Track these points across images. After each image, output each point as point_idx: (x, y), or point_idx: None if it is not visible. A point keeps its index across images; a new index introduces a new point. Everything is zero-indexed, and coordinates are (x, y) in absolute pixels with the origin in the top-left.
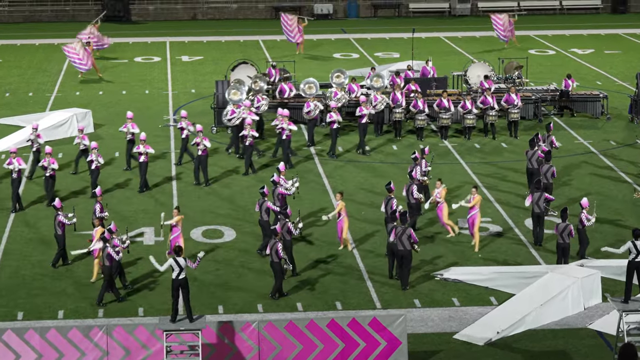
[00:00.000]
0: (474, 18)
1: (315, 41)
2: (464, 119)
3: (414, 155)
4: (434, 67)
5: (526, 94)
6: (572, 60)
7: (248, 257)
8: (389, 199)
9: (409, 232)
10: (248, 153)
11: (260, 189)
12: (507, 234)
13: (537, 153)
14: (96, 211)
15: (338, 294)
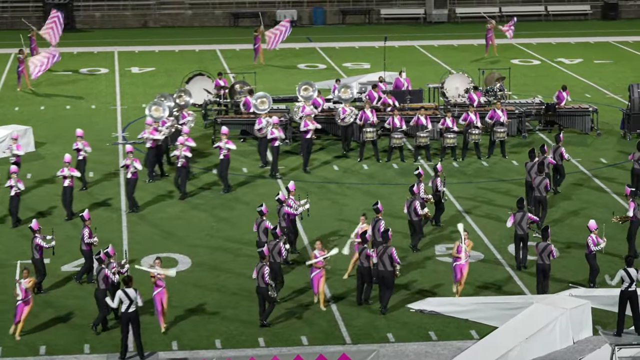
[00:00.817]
0: (451, 25)
1: (278, 50)
2: (444, 138)
3: (417, 171)
4: (408, 78)
5: (509, 108)
6: (558, 71)
7: (204, 287)
8: (377, 220)
9: (390, 252)
10: (183, 175)
11: (258, 208)
12: (488, 261)
13: (545, 161)
14: (84, 237)
15: (304, 327)
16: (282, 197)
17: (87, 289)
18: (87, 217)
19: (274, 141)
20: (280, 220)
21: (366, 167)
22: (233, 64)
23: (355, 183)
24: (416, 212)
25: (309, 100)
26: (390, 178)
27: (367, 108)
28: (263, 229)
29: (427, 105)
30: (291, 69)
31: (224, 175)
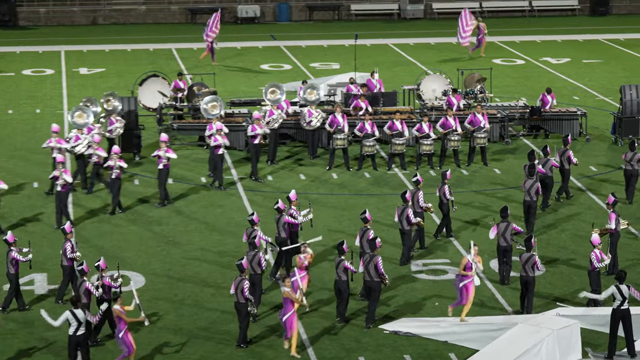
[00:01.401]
0: (427, 21)
1: (239, 49)
2: (420, 144)
3: (416, 178)
4: (381, 80)
5: (490, 112)
6: (544, 72)
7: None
8: (365, 230)
9: (376, 261)
10: (116, 188)
11: (249, 216)
12: None
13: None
14: (67, 251)
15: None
16: (282, 206)
17: None
18: (68, 230)
19: (217, 149)
20: (280, 231)
21: (336, 176)
22: (190, 64)
23: (324, 193)
24: (409, 221)
25: (276, 104)
26: (363, 188)
27: (338, 112)
28: (255, 238)
29: (402, 109)
30: (253, 70)
31: (162, 187)
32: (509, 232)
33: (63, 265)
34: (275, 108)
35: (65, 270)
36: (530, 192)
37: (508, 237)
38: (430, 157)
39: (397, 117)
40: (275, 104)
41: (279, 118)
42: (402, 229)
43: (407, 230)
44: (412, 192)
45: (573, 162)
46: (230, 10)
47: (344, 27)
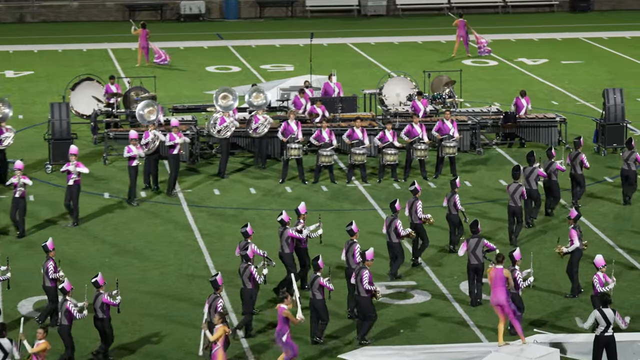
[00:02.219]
0: (390, 19)
1: (182, 50)
2: (383, 154)
3: (414, 186)
4: (340, 83)
5: (460, 118)
6: (519, 73)
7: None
8: (351, 244)
9: (362, 274)
10: (21, 207)
11: (243, 228)
12: (437, 300)
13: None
14: (49, 271)
15: None
16: (286, 219)
17: None
18: (50, 247)
19: (131, 160)
20: (284, 246)
21: (290, 189)
22: (128, 66)
23: (277, 209)
24: (397, 233)
25: (228, 110)
26: (319, 203)
27: (292, 119)
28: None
29: (363, 116)
30: (198, 72)
31: (74, 205)
32: (480, 248)
33: (45, 287)
34: (227, 115)
35: (49, 291)
36: (515, 196)
37: (479, 254)
38: (394, 168)
39: (358, 124)
40: (228, 111)
41: (231, 126)
42: (390, 241)
43: (395, 243)
44: (409, 202)
45: (586, 166)
46: (173, 7)
47: (299, 24)
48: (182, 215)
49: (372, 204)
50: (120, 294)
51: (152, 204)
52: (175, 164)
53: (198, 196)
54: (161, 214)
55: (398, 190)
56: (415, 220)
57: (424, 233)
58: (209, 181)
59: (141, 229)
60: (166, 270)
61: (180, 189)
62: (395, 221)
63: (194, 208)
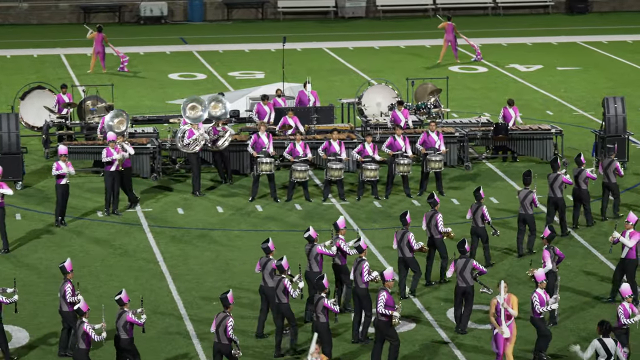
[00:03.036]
0: (370, 21)
1: (143, 55)
2: (363, 169)
3: (432, 199)
4: (315, 92)
5: (446, 130)
6: (511, 81)
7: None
8: (360, 262)
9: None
10: None
11: (264, 244)
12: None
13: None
14: (66, 294)
15: None
16: (314, 235)
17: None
18: (69, 269)
19: (59, 179)
20: (312, 264)
21: (260, 208)
22: (83, 73)
23: (246, 230)
24: (410, 247)
25: (197, 122)
26: (293, 222)
27: (262, 131)
28: (270, 270)
29: (341, 127)
30: (159, 79)
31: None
32: (469, 270)
33: (63, 311)
34: (196, 127)
35: (67, 316)
36: (525, 203)
37: (468, 276)
38: (375, 184)
39: (335, 136)
40: (197, 122)
41: (200, 139)
42: (403, 256)
43: (409, 258)
44: (427, 215)
45: (620, 174)
46: (132, 9)
47: (270, 28)
48: (142, 237)
49: (351, 223)
50: None
51: (110, 225)
52: (112, 182)
53: (160, 216)
54: (119, 235)
55: (379, 208)
56: (435, 235)
57: (444, 248)
58: (171, 199)
59: (97, 252)
60: None
61: (140, 208)
62: (407, 235)
63: (156, 229)
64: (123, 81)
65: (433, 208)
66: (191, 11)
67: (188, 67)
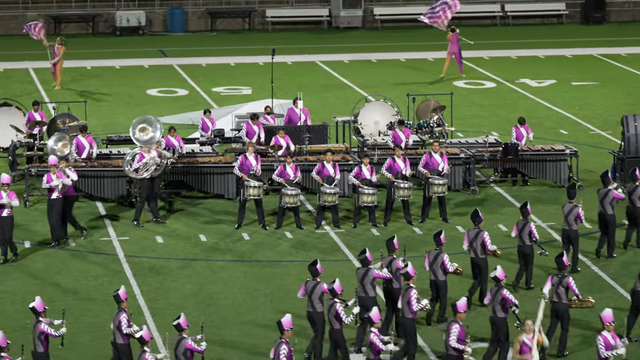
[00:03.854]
0: (367, 32)
1: (118, 69)
2: (359, 194)
3: (477, 216)
4: (306, 109)
5: (451, 151)
6: (521, 97)
7: None
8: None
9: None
10: None
11: (311, 266)
12: None
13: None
14: (122, 324)
15: None
16: (370, 258)
17: None
18: (123, 297)
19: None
20: (367, 288)
21: (247, 236)
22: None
23: (232, 260)
24: (444, 269)
25: (149, 145)
26: (283, 252)
27: (250, 152)
28: (319, 294)
29: (335, 148)
30: (137, 96)
31: None
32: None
33: (118, 344)
34: (147, 151)
35: (122, 349)
36: (569, 218)
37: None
38: (373, 210)
39: (329, 158)
40: (148, 145)
41: (151, 164)
42: (436, 279)
43: (442, 282)
44: (473, 233)
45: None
46: (107, 18)
47: (258, 39)
48: (117, 268)
49: (346, 253)
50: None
51: (83, 254)
52: (52, 211)
53: (137, 245)
54: (92, 267)
55: (377, 236)
56: (479, 255)
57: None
58: (150, 227)
59: (69, 283)
60: (99, 334)
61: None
62: (441, 256)
63: (133, 259)
64: (97, 97)
65: (477, 226)
66: (171, 21)
67: (168, 82)
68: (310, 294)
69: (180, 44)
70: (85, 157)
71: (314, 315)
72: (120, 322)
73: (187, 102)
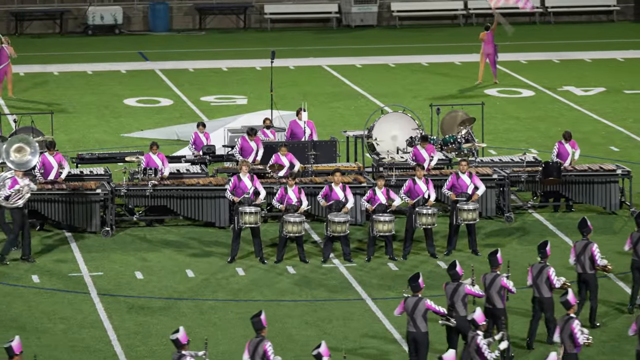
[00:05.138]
0: (384, 31)
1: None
2: (374, 221)
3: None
4: (312, 122)
5: (482, 171)
6: (564, 108)
7: None
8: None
9: None
10: None
11: (412, 281)
12: None
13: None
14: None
15: None
16: (460, 271)
17: None
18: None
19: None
20: (458, 307)
21: (242, 271)
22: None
23: (224, 300)
24: (551, 284)
25: (24, 169)
26: (284, 289)
27: (244, 172)
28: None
29: (345, 167)
30: (112, 106)
31: None
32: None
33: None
34: (21, 176)
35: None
36: (638, 249)
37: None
38: (390, 241)
39: (338, 179)
40: (23, 169)
41: (25, 191)
42: (540, 295)
43: (546, 299)
44: (580, 245)
45: None
46: (77, 15)
47: (255, 39)
48: (89, 308)
49: (358, 291)
50: None
51: (48, 293)
52: None
53: (113, 281)
54: (60, 306)
55: (395, 271)
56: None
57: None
58: (128, 260)
59: (33, 325)
60: None
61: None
62: (499, 279)
63: (107, 298)
64: (66, 109)
65: (585, 237)
66: (153, 18)
67: (149, 90)
68: (411, 312)
69: (163, 46)
70: (53, 179)
71: (417, 336)
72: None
73: (171, 114)
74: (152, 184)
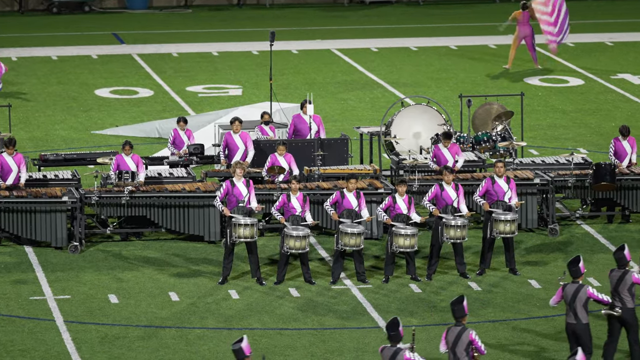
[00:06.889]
0: (404, 8)
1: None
2: (393, 234)
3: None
4: (319, 116)
5: (520, 174)
6: (619, 99)
7: None
8: None
9: None
10: None
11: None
12: None
13: None
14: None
15: None
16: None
17: None
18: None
19: None
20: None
21: (236, 294)
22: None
23: (214, 328)
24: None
25: None
26: (286, 315)
27: (238, 177)
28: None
29: (359, 171)
30: (81, 98)
31: None
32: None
33: None
34: None
35: None
36: None
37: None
38: (412, 257)
39: (351, 185)
40: None
41: None
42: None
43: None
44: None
45: None
46: None
47: (250, 18)
48: (55, 338)
49: (374, 317)
50: None
51: (6, 320)
52: None
53: (82, 306)
54: (20, 335)
55: (418, 294)
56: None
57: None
58: (100, 281)
59: None
60: None
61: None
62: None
63: (76, 326)
64: (27, 100)
65: (623, 266)
66: None
67: (125, 78)
68: (570, 300)
69: (142, 26)
70: (12, 184)
71: (576, 327)
72: None
73: (151, 107)
74: (129, 190)
